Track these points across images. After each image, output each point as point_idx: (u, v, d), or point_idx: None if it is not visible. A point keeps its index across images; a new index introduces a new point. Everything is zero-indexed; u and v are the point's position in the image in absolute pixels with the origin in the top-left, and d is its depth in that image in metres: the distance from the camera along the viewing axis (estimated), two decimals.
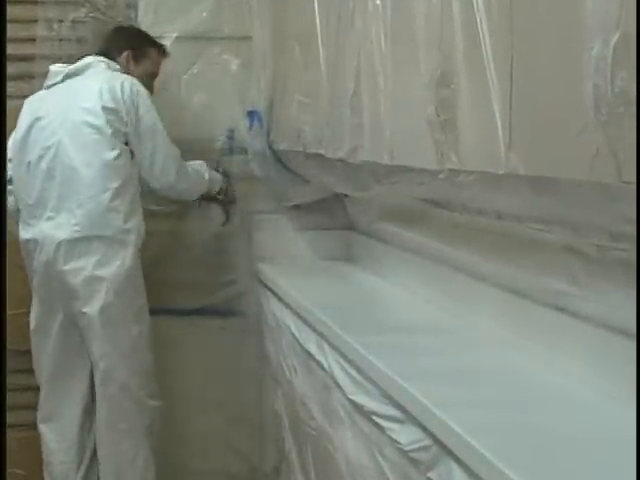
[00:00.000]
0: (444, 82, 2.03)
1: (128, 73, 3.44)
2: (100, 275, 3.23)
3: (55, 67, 3.47)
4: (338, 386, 2.50)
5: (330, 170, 3.17)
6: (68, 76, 3.41)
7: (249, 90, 3.89)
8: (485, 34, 1.81)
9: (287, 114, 3.46)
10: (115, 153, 3.25)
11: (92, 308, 3.24)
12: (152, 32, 3.67)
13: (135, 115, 3.28)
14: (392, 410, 2.10)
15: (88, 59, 3.45)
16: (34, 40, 3.90)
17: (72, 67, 3.43)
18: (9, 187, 3.42)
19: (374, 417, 2.19)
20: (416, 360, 2.29)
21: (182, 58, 3.81)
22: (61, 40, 3.94)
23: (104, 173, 3.23)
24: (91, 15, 3.96)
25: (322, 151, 2.99)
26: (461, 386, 2.07)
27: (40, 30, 3.92)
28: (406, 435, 2.00)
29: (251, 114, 3.84)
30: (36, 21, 3.91)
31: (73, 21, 3.96)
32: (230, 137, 3.85)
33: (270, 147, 3.78)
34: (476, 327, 2.54)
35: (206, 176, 3.57)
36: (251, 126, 3.83)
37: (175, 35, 3.76)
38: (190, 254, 3.89)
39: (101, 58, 3.44)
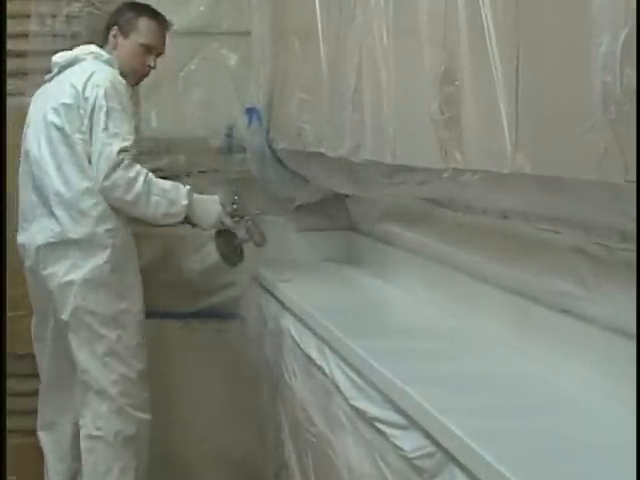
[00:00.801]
0: (448, 78, 2.02)
1: (117, 50, 3.36)
2: (71, 279, 3.20)
3: (56, 57, 3.40)
4: (339, 391, 2.50)
5: (331, 169, 3.17)
6: (63, 67, 3.35)
7: (248, 87, 3.89)
8: (490, 29, 1.81)
9: (287, 111, 3.46)
10: (77, 150, 3.18)
11: (65, 313, 3.22)
12: None
13: (91, 111, 3.16)
14: (395, 416, 2.10)
15: (76, 51, 3.38)
16: (27, 36, 3.90)
17: (64, 58, 3.37)
18: None
19: (376, 423, 2.19)
20: (419, 364, 2.29)
21: (179, 54, 3.81)
22: (55, 36, 3.93)
23: (72, 175, 3.18)
24: (85, 10, 3.96)
25: (323, 149, 2.99)
26: (465, 391, 2.07)
27: (33, 25, 3.91)
28: (409, 441, 2.00)
29: (250, 111, 3.84)
30: (29, 16, 3.91)
31: (67, 16, 3.95)
32: (229, 135, 3.85)
33: (269, 145, 3.78)
34: (480, 330, 2.54)
35: (182, 201, 3.22)
36: (250, 123, 3.83)
37: (172, 30, 3.75)
38: (188, 256, 3.89)
39: (91, 49, 3.37)
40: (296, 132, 3.30)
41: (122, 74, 3.32)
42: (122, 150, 3.13)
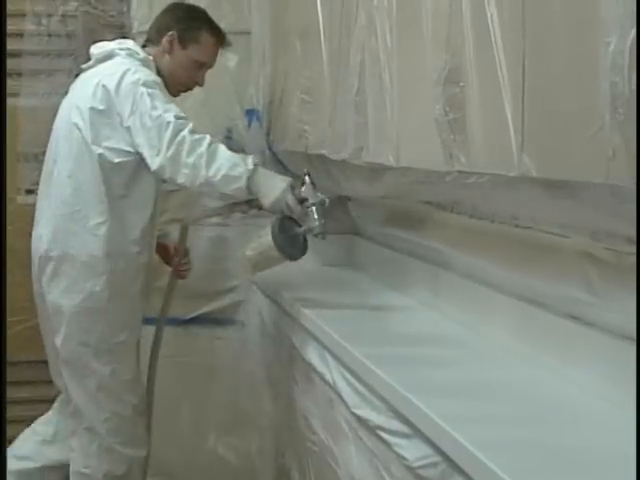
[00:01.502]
0: (453, 79, 2.03)
1: (169, 57, 3.19)
2: (64, 303, 3.05)
3: (94, 48, 3.22)
4: (341, 399, 2.49)
5: (332, 171, 3.17)
6: (98, 61, 3.17)
7: (248, 88, 3.89)
8: (496, 29, 1.81)
9: (287, 113, 3.46)
10: (98, 163, 3.00)
11: (58, 340, 3.09)
12: (145, 27, 3.65)
13: (130, 109, 2.95)
14: (398, 425, 2.10)
15: (112, 44, 3.20)
16: (22, 35, 3.91)
17: (100, 51, 3.18)
18: None
19: (379, 432, 2.19)
20: (424, 372, 2.28)
21: None
22: (50, 35, 3.95)
23: (85, 187, 3.02)
24: (81, 9, 3.97)
25: (324, 152, 2.99)
26: (471, 399, 2.07)
27: (28, 25, 3.92)
28: (413, 451, 2.00)
29: (250, 113, 3.84)
30: (24, 15, 3.91)
31: (63, 15, 3.97)
32: (228, 137, 3.84)
33: (270, 148, 3.78)
34: (486, 337, 2.54)
35: (247, 165, 2.90)
36: (250, 125, 3.83)
37: None
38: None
39: (128, 44, 3.19)
40: (297, 134, 3.30)
41: (165, 82, 3.13)
42: (179, 118, 2.94)
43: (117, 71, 3.04)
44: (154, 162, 2.92)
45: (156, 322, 3.34)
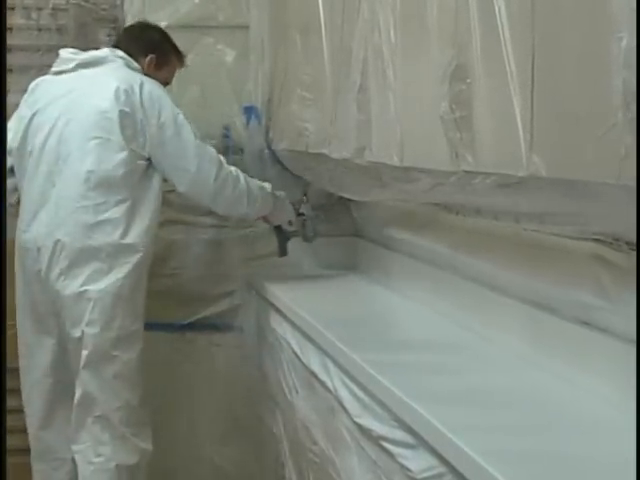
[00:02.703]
0: (459, 76, 2.03)
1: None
2: (90, 289, 3.18)
3: (65, 52, 3.39)
4: (343, 408, 2.50)
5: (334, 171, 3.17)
6: (81, 65, 3.35)
7: (246, 84, 3.89)
8: (504, 23, 1.81)
9: (287, 110, 3.46)
10: (123, 161, 3.21)
11: (76, 329, 3.19)
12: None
13: (157, 121, 3.24)
14: (402, 434, 2.10)
15: (104, 51, 3.39)
16: (11, 29, 3.91)
17: (86, 56, 3.37)
18: (12, 179, 3.39)
19: (382, 442, 2.19)
20: (428, 379, 2.29)
21: None
22: (40, 30, 3.95)
23: (107, 181, 3.20)
24: (73, 2, 3.97)
25: (325, 151, 2.99)
26: (478, 408, 2.07)
27: (17, 18, 3.92)
28: (418, 462, 2.00)
29: (248, 110, 3.85)
30: (13, 9, 3.91)
31: (53, 9, 3.97)
32: (226, 135, 3.85)
33: (269, 146, 3.79)
34: (494, 343, 2.54)
35: (271, 196, 3.51)
36: (248, 123, 3.83)
37: (164, 24, 3.75)
38: (184, 262, 3.89)
39: (120, 53, 3.38)
40: (297, 132, 3.31)
41: None
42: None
43: (134, 78, 3.31)
44: (189, 185, 3.34)
45: None
